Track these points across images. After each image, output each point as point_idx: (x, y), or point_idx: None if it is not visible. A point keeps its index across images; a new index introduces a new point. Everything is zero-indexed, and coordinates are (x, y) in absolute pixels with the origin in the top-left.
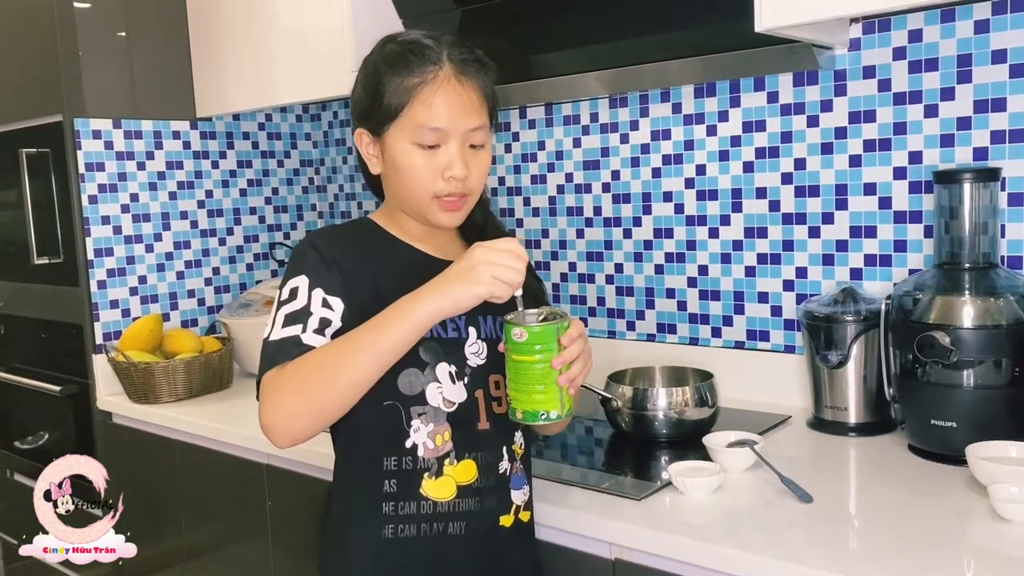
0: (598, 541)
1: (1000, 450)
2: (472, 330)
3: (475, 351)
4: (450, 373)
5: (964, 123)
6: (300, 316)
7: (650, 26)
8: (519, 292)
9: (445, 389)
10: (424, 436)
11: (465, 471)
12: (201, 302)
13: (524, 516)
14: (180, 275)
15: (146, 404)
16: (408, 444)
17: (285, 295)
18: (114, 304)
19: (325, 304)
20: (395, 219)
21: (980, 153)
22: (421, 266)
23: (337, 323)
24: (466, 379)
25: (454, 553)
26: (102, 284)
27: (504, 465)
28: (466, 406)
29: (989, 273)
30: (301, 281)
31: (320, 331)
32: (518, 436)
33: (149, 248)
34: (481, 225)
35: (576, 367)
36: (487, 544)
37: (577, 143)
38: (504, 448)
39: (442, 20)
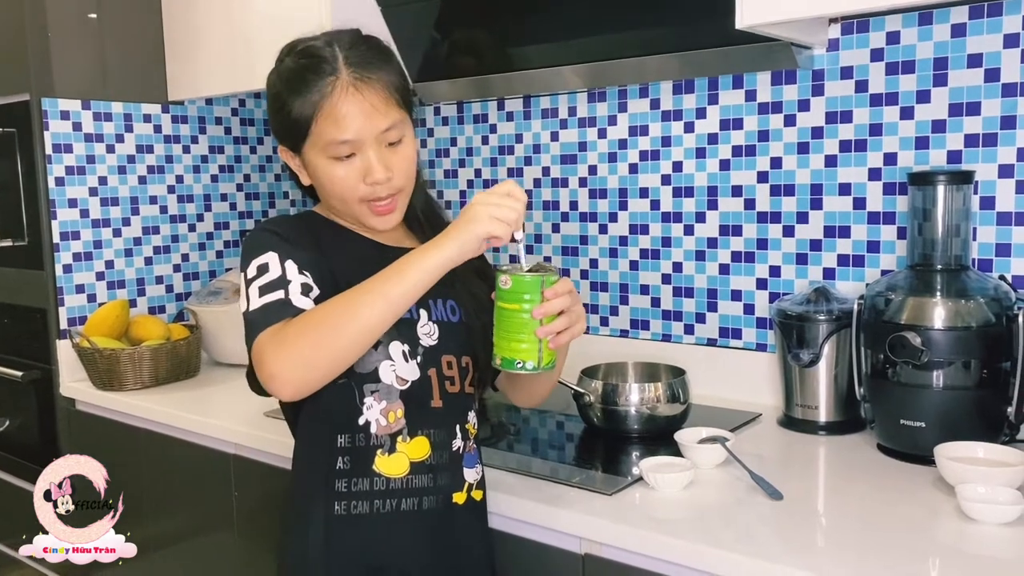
0: (568, 536)
1: (968, 450)
2: (423, 312)
3: (427, 332)
4: (403, 351)
5: (939, 126)
6: (279, 284)
7: (630, 21)
8: (520, 235)
9: (398, 367)
10: (377, 413)
11: (418, 448)
12: (169, 289)
13: (476, 495)
14: (148, 261)
15: (111, 391)
16: (361, 421)
17: (253, 272)
18: (80, 289)
19: (302, 272)
20: (338, 214)
21: (954, 156)
22: (373, 255)
23: (317, 289)
24: (419, 358)
25: (407, 529)
26: (68, 268)
27: (457, 443)
28: (419, 384)
29: (960, 275)
30: (270, 256)
31: (305, 294)
32: (471, 416)
33: (117, 232)
34: (424, 213)
35: (559, 322)
36: (440, 521)
37: (555, 137)
38: (457, 426)
39: (421, 9)
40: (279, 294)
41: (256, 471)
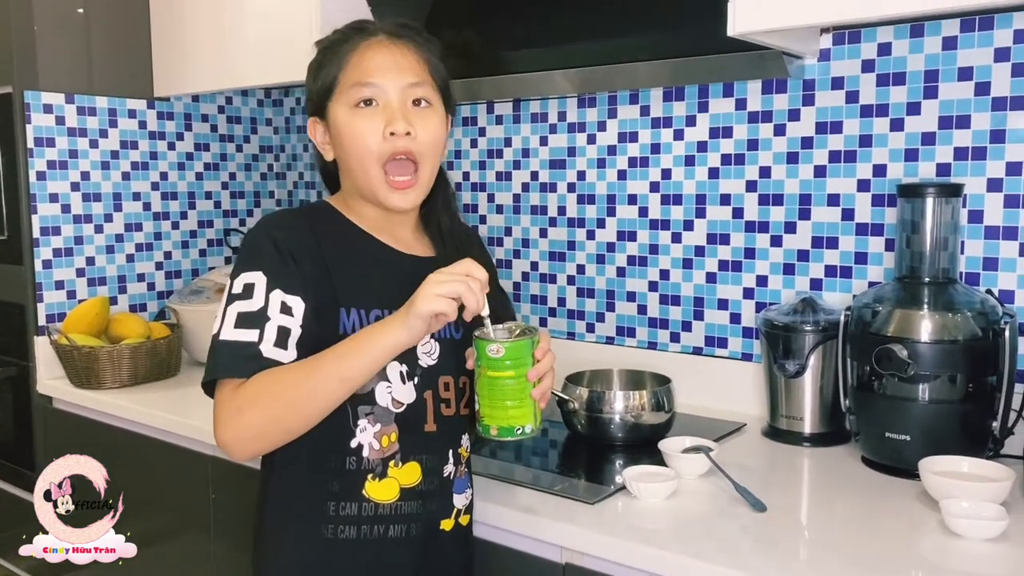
0: (549, 544)
1: (953, 465)
2: None
3: (427, 351)
4: (401, 373)
5: (929, 138)
6: (256, 320)
7: (621, 27)
8: (486, 312)
9: (395, 389)
10: (370, 436)
11: (409, 473)
12: (151, 287)
13: (464, 520)
14: (130, 258)
15: (89, 389)
16: (353, 444)
17: (239, 289)
18: (59, 285)
19: (284, 309)
20: (352, 205)
21: (943, 169)
22: (381, 258)
23: (297, 330)
24: (416, 379)
25: (393, 556)
26: (47, 264)
27: (449, 468)
28: (414, 407)
29: (948, 288)
30: (258, 278)
31: (281, 343)
32: (464, 439)
33: (99, 229)
34: (447, 225)
35: (547, 380)
36: (426, 547)
37: (544, 141)
38: (450, 451)
39: (411, 10)
40: (253, 335)
41: (234, 474)
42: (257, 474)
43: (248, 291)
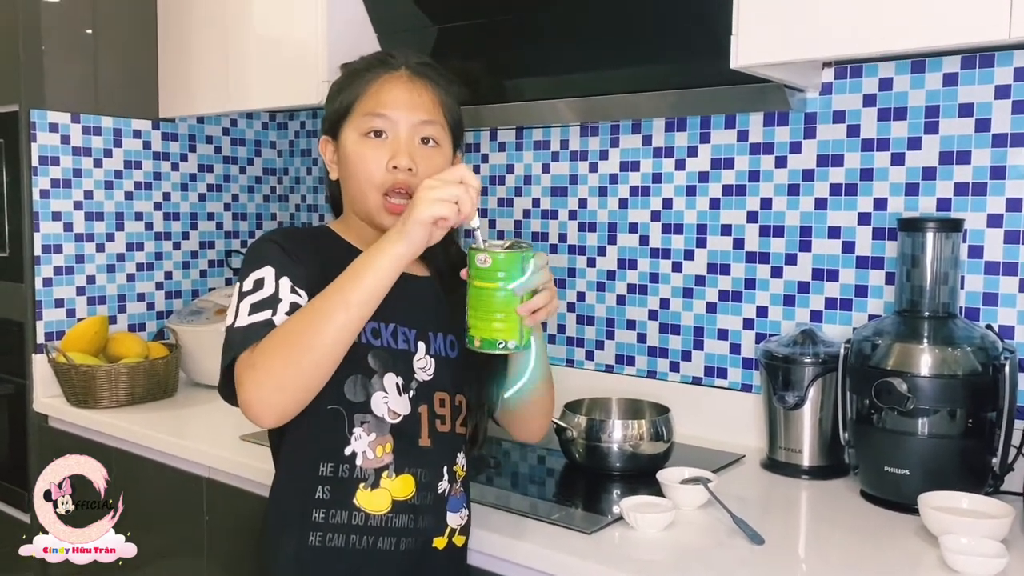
0: (545, 574)
1: (952, 500)
2: (421, 344)
3: (423, 366)
4: (397, 384)
5: (929, 173)
6: (269, 303)
7: (625, 58)
8: (477, 223)
9: (391, 400)
10: (365, 445)
11: (403, 486)
12: (151, 306)
13: (458, 540)
14: (131, 277)
15: (85, 409)
16: (347, 451)
17: (249, 286)
18: (59, 303)
19: (294, 291)
20: (353, 228)
21: (943, 204)
22: None
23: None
24: (412, 392)
25: (381, 570)
26: (48, 282)
27: (443, 485)
28: (409, 420)
29: (948, 323)
30: (267, 271)
31: (291, 313)
32: (460, 458)
33: (100, 248)
34: (443, 248)
35: (539, 298)
36: (416, 564)
37: (546, 169)
38: (445, 468)
39: (418, 37)
40: (267, 315)
41: (229, 495)
42: (250, 496)
43: (259, 284)
